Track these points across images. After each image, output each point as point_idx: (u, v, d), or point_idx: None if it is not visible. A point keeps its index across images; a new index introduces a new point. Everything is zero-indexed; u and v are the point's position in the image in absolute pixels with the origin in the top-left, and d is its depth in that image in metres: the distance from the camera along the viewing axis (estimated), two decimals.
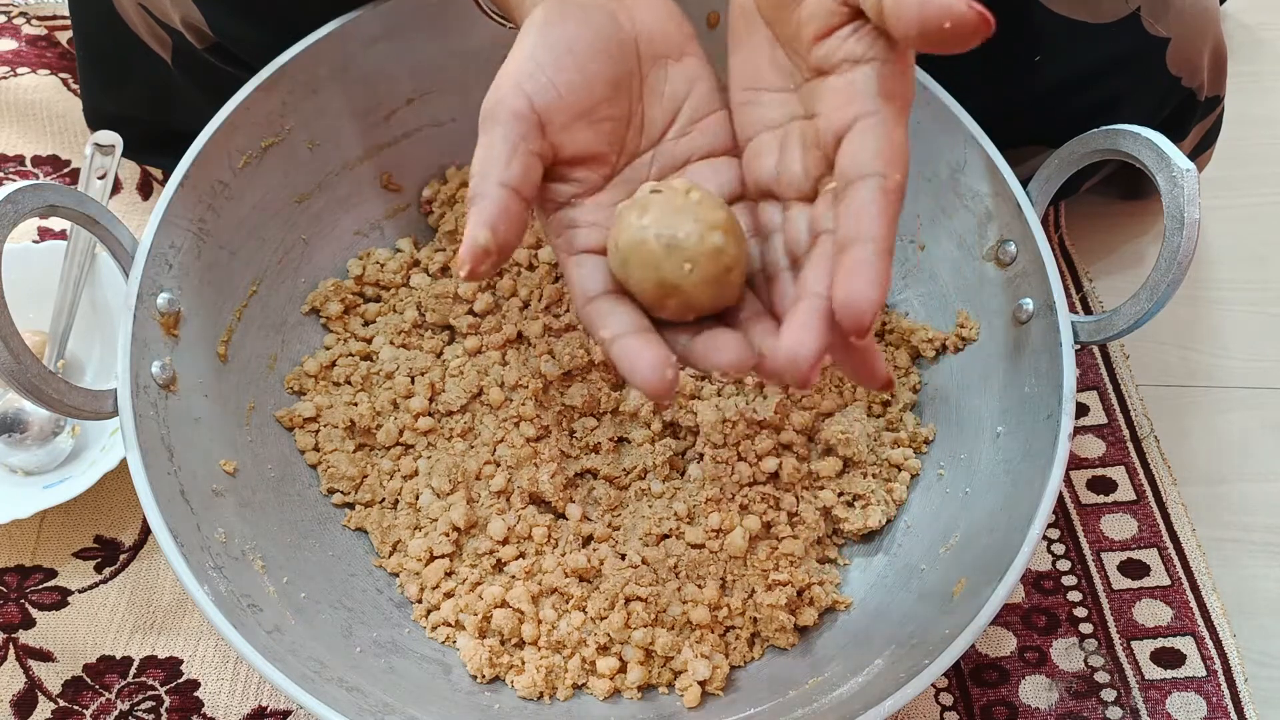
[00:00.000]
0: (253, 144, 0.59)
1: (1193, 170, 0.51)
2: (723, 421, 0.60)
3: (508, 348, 0.63)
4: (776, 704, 0.54)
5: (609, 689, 0.56)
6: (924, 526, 0.59)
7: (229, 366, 0.59)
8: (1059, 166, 0.57)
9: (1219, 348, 0.74)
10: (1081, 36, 0.63)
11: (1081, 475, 0.68)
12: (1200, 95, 0.69)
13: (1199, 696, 0.61)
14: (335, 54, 0.60)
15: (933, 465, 0.61)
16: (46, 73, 0.81)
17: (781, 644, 0.58)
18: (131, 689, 0.60)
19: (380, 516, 0.60)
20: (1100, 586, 0.64)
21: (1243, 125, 0.80)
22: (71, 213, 0.52)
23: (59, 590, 0.63)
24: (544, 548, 0.59)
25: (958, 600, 0.52)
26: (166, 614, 0.62)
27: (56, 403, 0.50)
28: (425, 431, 0.62)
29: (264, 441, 0.60)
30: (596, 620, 0.57)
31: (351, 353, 0.64)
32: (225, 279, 0.59)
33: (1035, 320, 0.56)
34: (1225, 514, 0.67)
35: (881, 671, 0.52)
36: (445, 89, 0.64)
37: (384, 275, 0.66)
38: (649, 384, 0.40)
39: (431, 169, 0.68)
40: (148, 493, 0.50)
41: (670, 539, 0.59)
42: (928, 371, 0.63)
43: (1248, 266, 0.77)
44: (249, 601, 0.52)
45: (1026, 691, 0.61)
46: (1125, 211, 0.77)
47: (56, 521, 0.65)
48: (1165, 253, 0.52)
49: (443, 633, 0.58)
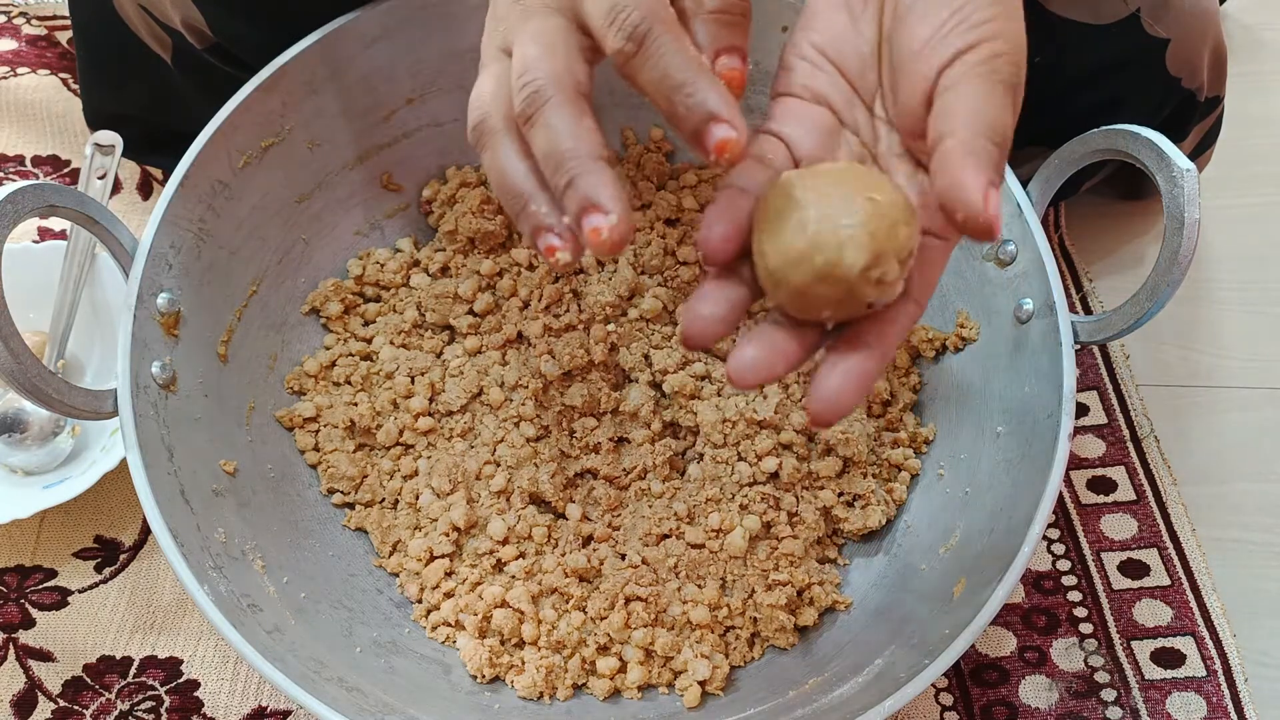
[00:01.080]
0: (253, 144, 0.59)
1: (1193, 170, 0.51)
2: (723, 421, 0.60)
3: (508, 348, 0.63)
4: (776, 704, 0.54)
5: (609, 689, 0.56)
6: (924, 526, 0.59)
7: (229, 366, 0.59)
8: (1059, 167, 0.57)
9: (1219, 348, 0.74)
10: (1081, 37, 0.63)
11: (1081, 475, 0.68)
12: (1200, 96, 0.69)
13: (1199, 696, 0.61)
14: (335, 54, 0.60)
15: (933, 465, 0.61)
16: (46, 73, 0.81)
17: (781, 644, 0.58)
18: (131, 689, 0.60)
19: (380, 516, 0.60)
20: (1100, 586, 0.64)
21: (1243, 125, 0.80)
22: (71, 213, 0.52)
23: (59, 590, 0.63)
24: (544, 548, 0.59)
25: (958, 600, 0.52)
26: (166, 614, 0.62)
27: (56, 403, 0.50)
28: (425, 431, 0.62)
29: (264, 441, 0.60)
30: (596, 620, 0.57)
31: (351, 353, 0.64)
32: (225, 279, 0.59)
33: (1035, 320, 0.56)
34: (1225, 514, 0.67)
35: (881, 671, 0.52)
36: (445, 89, 0.65)
37: (384, 275, 0.66)
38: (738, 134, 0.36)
39: (431, 169, 0.68)
40: (148, 493, 0.50)
41: (670, 539, 0.59)
42: (928, 371, 0.63)
43: (1248, 266, 0.77)
44: (249, 601, 0.52)
45: (1026, 691, 0.61)
46: (1125, 212, 0.77)
47: (56, 521, 0.65)
48: (1165, 253, 0.52)
49: (443, 633, 0.58)
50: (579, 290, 0.64)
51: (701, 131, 0.36)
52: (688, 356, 0.62)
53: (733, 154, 0.36)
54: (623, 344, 0.62)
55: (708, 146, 0.36)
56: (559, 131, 0.37)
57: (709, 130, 0.36)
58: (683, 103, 0.36)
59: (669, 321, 0.64)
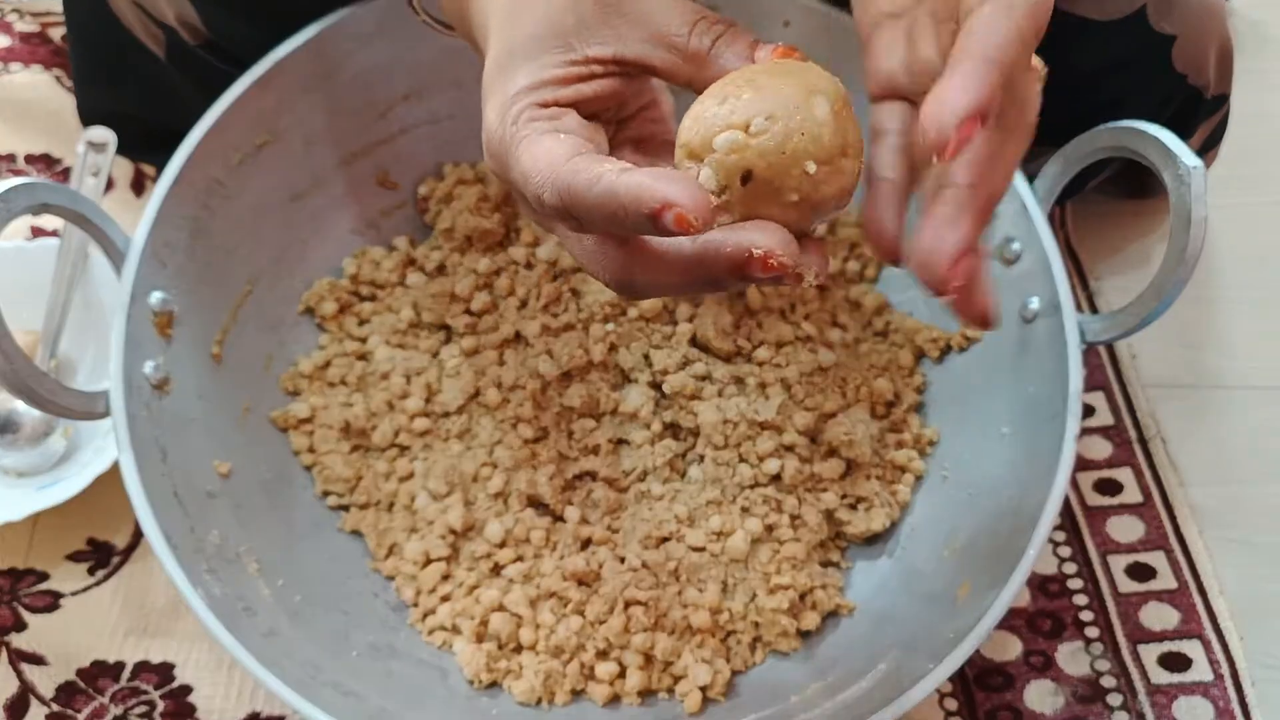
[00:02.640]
0: (247, 141, 0.59)
1: (1200, 167, 0.51)
2: (724, 422, 0.60)
3: (505, 348, 0.63)
4: (779, 709, 0.53)
5: (608, 694, 0.56)
6: (928, 529, 0.59)
7: (223, 367, 0.59)
8: (1064, 164, 0.56)
9: (1226, 347, 0.73)
10: (1087, 34, 0.63)
11: (1088, 477, 0.67)
12: (1206, 93, 0.69)
13: (1206, 701, 0.60)
14: (330, 50, 0.60)
15: (937, 467, 0.61)
16: (40, 69, 0.80)
17: (783, 648, 0.57)
18: (125, 693, 0.60)
19: (376, 519, 0.60)
20: (1106, 590, 0.64)
21: (1249, 122, 0.79)
22: (64, 211, 0.52)
23: (51, 593, 0.63)
24: (542, 551, 0.58)
25: (962, 604, 0.52)
26: (160, 617, 0.62)
27: (48, 403, 0.50)
28: (422, 433, 0.61)
29: (258, 443, 0.60)
30: (595, 624, 0.57)
31: (347, 353, 0.63)
32: (219, 278, 0.59)
33: (1041, 319, 0.56)
34: (1233, 516, 0.67)
35: (885, 676, 0.51)
36: (441, 85, 0.64)
37: (379, 274, 0.65)
38: (690, 197, 0.33)
39: (428, 166, 0.67)
40: (140, 495, 0.50)
41: (670, 542, 0.58)
42: (933, 372, 0.63)
43: (1255, 265, 0.76)
44: (243, 605, 0.51)
45: (1032, 696, 0.60)
46: (1131, 210, 0.77)
47: (49, 524, 0.64)
48: (1172, 251, 0.51)
49: (440, 637, 0.57)
50: (577, 289, 0.63)
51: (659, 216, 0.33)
52: (688, 356, 0.62)
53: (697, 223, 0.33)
54: (622, 344, 0.62)
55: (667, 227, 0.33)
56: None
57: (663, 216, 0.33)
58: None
59: (669, 321, 0.63)
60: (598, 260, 0.37)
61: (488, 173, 0.67)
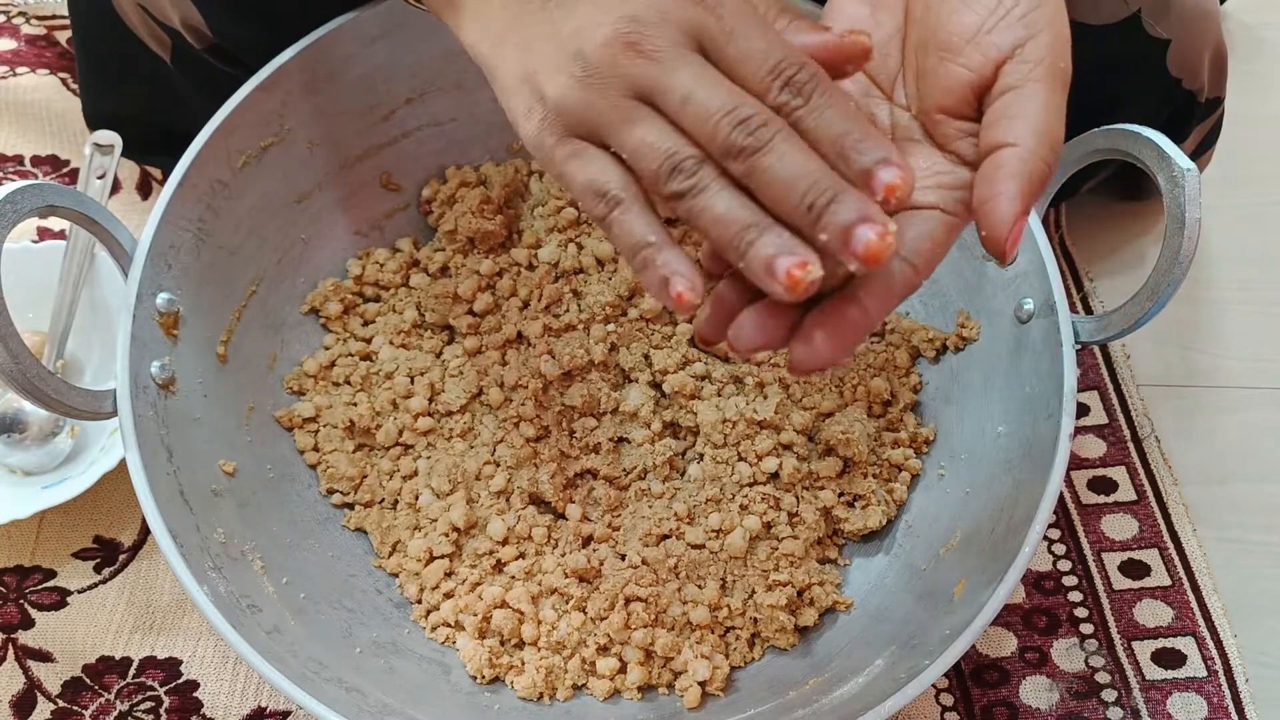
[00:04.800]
0: (252, 144, 0.59)
1: (1194, 170, 0.51)
2: (723, 421, 0.60)
3: (507, 348, 0.63)
4: (777, 704, 0.54)
5: (609, 690, 0.56)
6: (924, 526, 0.59)
7: (228, 366, 0.59)
8: (1060, 167, 0.57)
9: (1220, 348, 0.73)
10: (1081, 38, 0.63)
11: (1082, 475, 0.68)
12: (1201, 97, 0.69)
13: (1199, 697, 0.61)
14: (334, 54, 0.60)
15: (933, 465, 0.61)
16: (46, 72, 0.81)
17: (782, 644, 0.58)
18: (131, 689, 0.60)
19: (380, 517, 0.60)
20: (1101, 587, 0.64)
21: (1243, 125, 0.79)
22: (71, 213, 0.52)
23: (58, 590, 0.63)
24: (544, 548, 0.59)
25: (958, 600, 0.52)
26: (166, 614, 0.62)
27: (55, 403, 0.50)
28: (425, 432, 0.62)
29: (263, 442, 0.60)
30: (596, 621, 0.57)
31: (351, 353, 0.64)
32: (225, 279, 0.59)
33: (1036, 320, 0.56)
34: (1226, 514, 0.67)
35: (882, 672, 0.52)
36: (444, 88, 0.64)
37: (383, 275, 0.66)
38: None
39: (431, 168, 0.68)
40: (147, 493, 0.50)
41: (670, 539, 0.59)
42: (929, 371, 0.63)
43: (1249, 266, 0.77)
44: (248, 602, 0.52)
45: (1027, 692, 0.61)
46: (1126, 212, 0.77)
47: (56, 522, 0.65)
48: (1166, 252, 0.52)
49: (442, 633, 0.58)
50: (579, 290, 0.64)
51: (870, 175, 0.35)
52: (688, 356, 0.62)
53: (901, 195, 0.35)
54: (623, 344, 0.62)
55: (876, 192, 0.35)
56: (796, 154, 0.36)
57: (876, 174, 0.35)
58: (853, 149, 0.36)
59: (669, 321, 0.63)
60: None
61: (489, 175, 0.67)
